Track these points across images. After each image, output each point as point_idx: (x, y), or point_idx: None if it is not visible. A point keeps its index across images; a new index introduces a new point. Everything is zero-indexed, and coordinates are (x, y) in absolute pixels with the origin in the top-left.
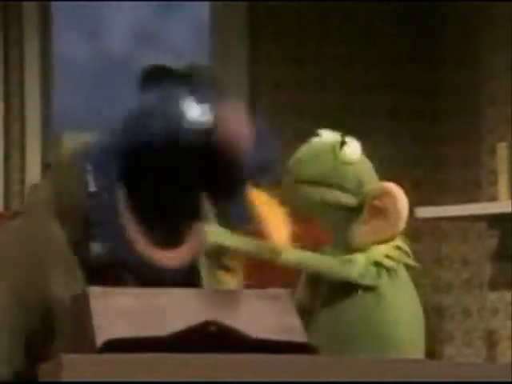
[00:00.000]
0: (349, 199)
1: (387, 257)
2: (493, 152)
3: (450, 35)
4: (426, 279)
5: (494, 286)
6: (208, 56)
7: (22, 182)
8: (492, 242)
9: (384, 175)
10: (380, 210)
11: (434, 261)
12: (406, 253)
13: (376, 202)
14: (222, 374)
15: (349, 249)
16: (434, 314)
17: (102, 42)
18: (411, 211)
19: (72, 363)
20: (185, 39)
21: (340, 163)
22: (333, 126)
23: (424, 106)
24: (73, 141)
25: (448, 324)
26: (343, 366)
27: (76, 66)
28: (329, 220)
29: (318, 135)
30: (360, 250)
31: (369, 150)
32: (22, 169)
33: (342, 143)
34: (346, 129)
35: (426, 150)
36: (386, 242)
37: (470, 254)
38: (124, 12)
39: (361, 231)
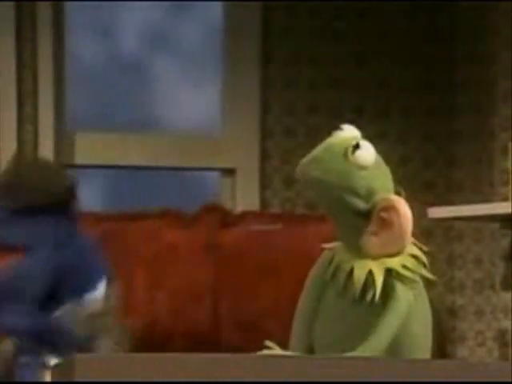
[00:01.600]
0: (360, 205)
1: (403, 267)
2: (506, 151)
3: (464, 33)
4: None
5: (506, 286)
6: (220, 56)
7: None
8: (505, 242)
9: (396, 175)
10: (386, 223)
11: (447, 261)
12: (422, 263)
13: (383, 214)
14: (234, 374)
15: (360, 255)
16: (446, 314)
17: (115, 42)
18: (424, 211)
19: (85, 363)
20: (197, 39)
21: (351, 167)
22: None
23: (437, 104)
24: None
25: (460, 324)
26: (347, 366)
27: (89, 66)
28: (342, 223)
29: (339, 130)
30: (373, 257)
31: (381, 150)
32: None
33: (356, 146)
34: (357, 128)
35: (438, 149)
36: (393, 256)
37: (482, 253)
38: (137, 12)
39: (370, 241)
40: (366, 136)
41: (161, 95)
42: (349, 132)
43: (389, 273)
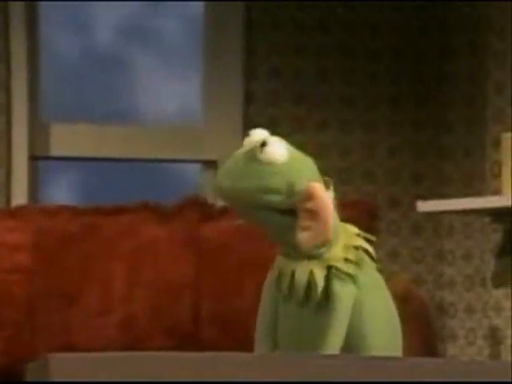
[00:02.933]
0: (281, 201)
1: (346, 260)
2: (497, 143)
3: (456, 23)
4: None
5: (498, 282)
6: (201, 45)
7: (8, 174)
8: (496, 236)
9: (384, 167)
10: (313, 212)
11: (436, 256)
12: (366, 252)
13: (307, 204)
14: (216, 373)
15: (300, 256)
16: (435, 312)
17: (92, 34)
18: (413, 205)
19: (60, 362)
20: (177, 30)
21: (263, 166)
22: (332, 116)
23: (427, 95)
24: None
25: (450, 322)
26: (337, 366)
27: (65, 58)
28: (272, 226)
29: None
30: (314, 256)
31: (370, 141)
32: (8, 161)
33: (263, 144)
34: (345, 118)
35: (428, 140)
36: (324, 246)
37: (473, 249)
38: (114, 5)
39: (303, 237)
40: (354, 127)
41: (140, 87)
42: (255, 135)
43: (329, 270)
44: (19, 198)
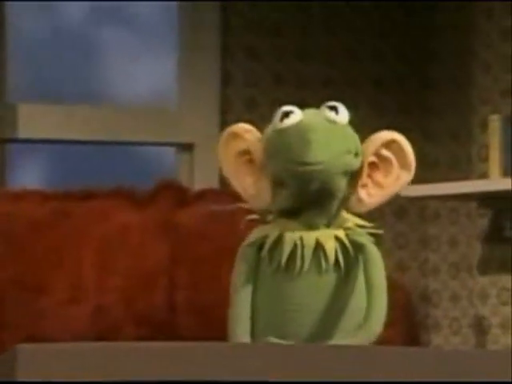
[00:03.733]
0: (356, 161)
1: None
2: (485, 125)
3: (442, 1)
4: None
5: (484, 269)
6: (176, 24)
7: None
8: (483, 222)
9: None
10: (387, 160)
11: (421, 242)
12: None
13: (382, 151)
14: (193, 363)
15: (320, 224)
16: (419, 300)
17: (61, 14)
18: None
19: (28, 354)
20: (151, 8)
21: (343, 127)
22: (312, 97)
23: (411, 75)
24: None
25: (434, 310)
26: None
27: (34, 38)
28: (338, 192)
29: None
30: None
31: (352, 123)
32: None
33: (332, 107)
34: (326, 99)
35: (412, 123)
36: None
37: (459, 235)
38: None
39: (367, 193)
40: None
41: (112, 66)
42: (304, 113)
43: (346, 235)
44: None
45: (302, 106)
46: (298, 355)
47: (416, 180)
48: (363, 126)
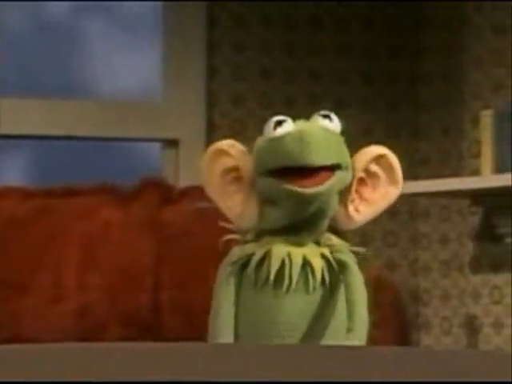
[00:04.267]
0: (349, 174)
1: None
2: (476, 121)
3: None
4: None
5: (476, 268)
6: (161, 16)
7: None
8: (475, 219)
9: (357, 146)
10: (376, 175)
11: (411, 240)
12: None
13: (371, 167)
14: (177, 364)
15: (305, 241)
16: (409, 299)
17: (43, 7)
18: None
19: (6, 355)
20: (136, 2)
21: (336, 136)
22: (300, 92)
23: (401, 70)
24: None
25: (425, 310)
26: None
27: (14, 30)
28: (329, 206)
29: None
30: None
31: (341, 118)
32: None
33: (325, 116)
34: (314, 94)
35: (402, 118)
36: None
37: (450, 232)
38: None
39: (356, 211)
40: (324, 103)
41: (95, 60)
42: (296, 122)
43: (331, 252)
44: None
45: (290, 101)
46: (286, 356)
47: (406, 177)
48: (353, 122)
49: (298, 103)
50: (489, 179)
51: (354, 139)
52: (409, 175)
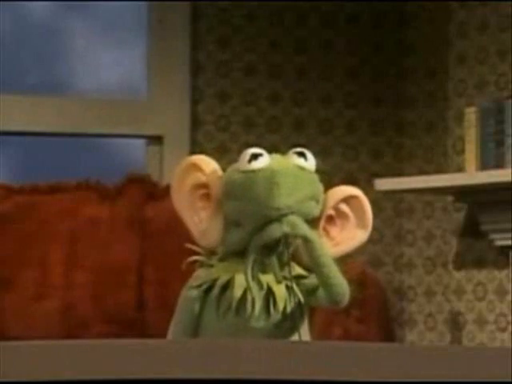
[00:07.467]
0: (318, 208)
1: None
2: (460, 117)
3: None
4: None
5: (460, 264)
6: (145, 12)
7: None
8: (459, 216)
9: (341, 142)
10: (344, 215)
11: (395, 237)
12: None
13: (340, 206)
14: (162, 360)
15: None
16: (393, 295)
17: (25, 5)
18: (370, 183)
19: None
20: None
21: (310, 173)
22: (285, 88)
23: (386, 66)
24: None
25: (409, 306)
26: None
27: None
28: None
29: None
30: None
31: (326, 114)
32: None
33: (300, 154)
34: (299, 90)
35: (387, 114)
36: None
37: (434, 229)
38: None
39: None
40: (308, 100)
41: (78, 55)
42: (272, 157)
43: (296, 282)
44: None
45: (275, 98)
46: (269, 352)
47: (390, 173)
48: (338, 118)
49: (282, 99)
50: (473, 176)
51: (339, 135)
52: (393, 171)
